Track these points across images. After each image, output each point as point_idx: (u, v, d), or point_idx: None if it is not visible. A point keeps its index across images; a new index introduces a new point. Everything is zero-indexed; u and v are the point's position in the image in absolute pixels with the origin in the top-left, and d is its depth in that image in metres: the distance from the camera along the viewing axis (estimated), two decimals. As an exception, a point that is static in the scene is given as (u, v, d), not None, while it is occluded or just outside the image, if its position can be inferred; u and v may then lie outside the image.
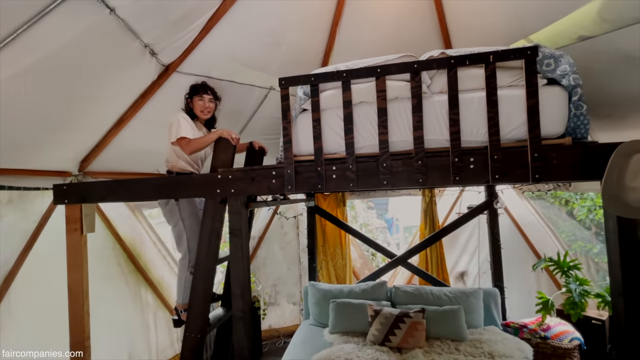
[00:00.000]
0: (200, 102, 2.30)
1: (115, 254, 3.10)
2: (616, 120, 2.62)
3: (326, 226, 4.38)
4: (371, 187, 1.76)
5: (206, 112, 2.32)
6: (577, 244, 4.81)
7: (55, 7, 1.51)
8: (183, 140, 2.11)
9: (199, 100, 2.30)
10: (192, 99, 2.32)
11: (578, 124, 1.63)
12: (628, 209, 1.42)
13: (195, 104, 2.31)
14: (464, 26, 2.65)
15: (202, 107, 2.30)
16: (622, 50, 2.08)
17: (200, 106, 2.30)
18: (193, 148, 2.11)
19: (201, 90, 2.30)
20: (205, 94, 2.30)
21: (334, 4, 2.64)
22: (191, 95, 2.32)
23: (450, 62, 1.61)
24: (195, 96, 2.30)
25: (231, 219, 1.95)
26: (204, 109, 2.30)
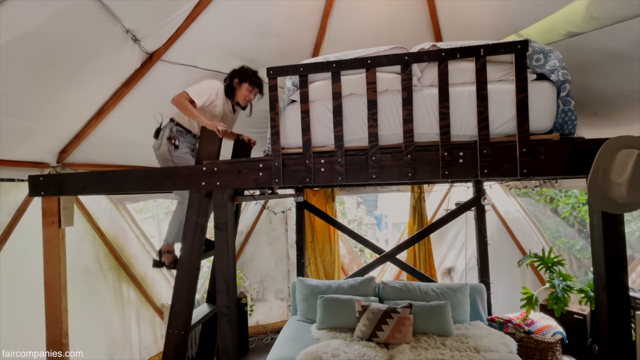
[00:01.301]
0: (248, 92, 2.31)
1: (95, 249, 3.00)
2: (602, 119, 2.66)
3: (315, 222, 4.35)
4: (360, 181, 1.73)
5: (246, 101, 2.35)
6: (560, 240, 4.91)
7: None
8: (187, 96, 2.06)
9: (248, 91, 2.31)
10: (242, 83, 2.30)
11: (566, 120, 1.63)
12: (613, 204, 1.43)
13: (242, 89, 2.30)
14: (454, 20, 2.64)
15: (246, 97, 2.33)
16: (610, 48, 2.09)
17: (245, 96, 2.32)
18: (183, 107, 2.04)
19: (256, 85, 2.33)
20: (258, 91, 2.35)
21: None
22: (244, 79, 2.29)
23: (441, 54, 1.58)
24: (247, 83, 2.29)
25: (216, 213, 1.90)
26: (247, 99, 2.34)
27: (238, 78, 2.30)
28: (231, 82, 2.31)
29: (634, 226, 3.95)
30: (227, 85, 2.30)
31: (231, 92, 2.31)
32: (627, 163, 1.36)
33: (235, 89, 2.31)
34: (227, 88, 2.30)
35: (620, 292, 1.52)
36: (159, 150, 2.21)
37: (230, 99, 2.36)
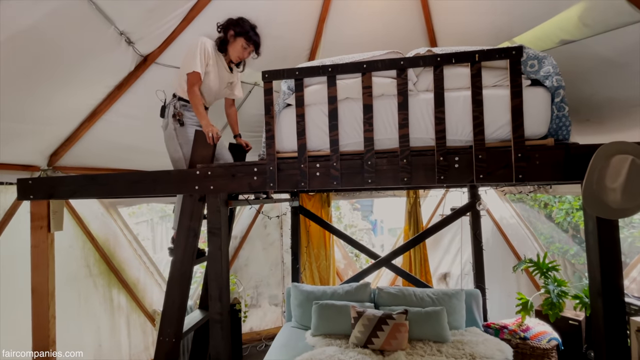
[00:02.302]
0: (241, 49, 2.11)
1: (85, 254, 2.93)
2: (595, 125, 2.68)
3: (310, 227, 4.32)
4: (356, 186, 1.72)
5: (239, 59, 2.16)
6: (554, 245, 4.94)
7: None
8: (192, 76, 1.97)
9: (243, 48, 2.11)
10: (237, 37, 2.08)
11: (560, 125, 1.64)
12: (607, 210, 1.43)
13: (235, 45, 2.10)
14: (449, 26, 2.66)
15: (239, 53, 2.12)
16: (602, 55, 2.12)
17: (238, 51, 2.11)
18: (191, 96, 1.97)
19: (252, 42, 2.11)
20: (254, 49, 2.15)
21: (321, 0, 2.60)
22: (240, 33, 2.08)
23: (436, 59, 1.59)
24: (241, 38, 2.08)
25: (210, 217, 1.87)
26: (240, 56, 2.13)
27: (234, 30, 2.08)
28: (226, 34, 2.10)
29: (627, 232, 3.98)
30: (221, 39, 2.11)
31: (224, 46, 2.11)
32: (621, 169, 1.36)
33: (228, 42, 2.10)
34: (219, 41, 2.10)
35: (616, 298, 1.52)
36: (166, 130, 2.09)
37: (224, 55, 2.16)
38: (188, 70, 1.98)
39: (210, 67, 2.08)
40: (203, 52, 2.01)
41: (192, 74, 1.98)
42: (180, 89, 2.09)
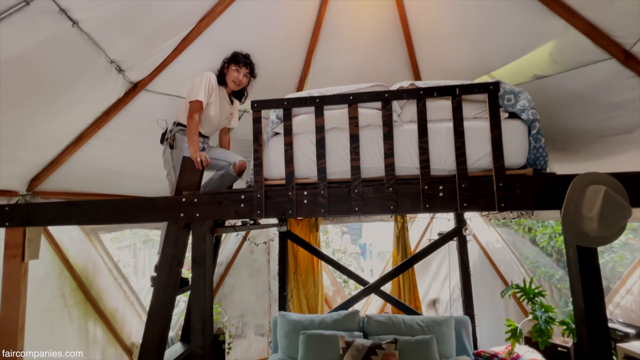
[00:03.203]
0: (235, 72, 2.23)
1: (60, 284, 2.79)
2: (570, 153, 2.81)
3: (298, 252, 4.26)
4: (343, 213, 1.73)
5: (236, 84, 2.26)
6: (540, 270, 4.99)
7: (10, 15, 1.41)
8: (195, 104, 2.06)
9: (235, 71, 2.23)
10: (229, 66, 2.24)
11: (538, 156, 1.71)
12: (586, 238, 1.48)
13: (229, 72, 2.24)
14: (432, 60, 2.80)
15: (235, 78, 2.24)
16: (572, 90, 2.26)
17: (233, 77, 2.23)
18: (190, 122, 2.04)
19: (241, 61, 2.24)
20: (244, 67, 2.25)
21: (310, 31, 2.71)
22: (230, 62, 2.24)
23: (419, 93, 1.66)
24: (233, 64, 2.23)
25: (195, 246, 1.83)
26: (236, 80, 2.24)
27: (226, 62, 2.26)
28: (222, 69, 2.27)
29: (607, 257, 4.07)
30: (219, 74, 2.27)
31: (222, 77, 2.26)
32: (596, 199, 1.42)
33: (225, 74, 2.26)
34: (219, 76, 2.26)
35: (601, 326, 1.54)
36: (164, 155, 2.19)
37: (225, 87, 2.30)
38: (193, 98, 2.07)
39: (213, 99, 2.19)
40: (208, 85, 2.13)
41: (195, 102, 2.07)
42: (182, 117, 2.18)
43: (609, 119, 2.29)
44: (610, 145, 2.49)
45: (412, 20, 2.61)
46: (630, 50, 1.88)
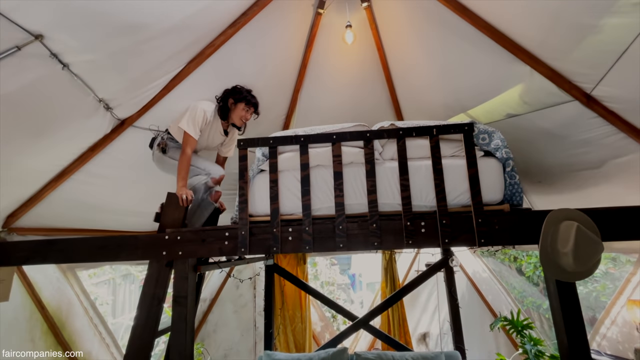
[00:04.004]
0: (244, 112, 2.29)
1: (30, 327, 2.62)
2: (546, 187, 2.93)
3: (285, 286, 4.16)
4: (327, 250, 1.73)
5: (242, 122, 2.34)
6: (528, 300, 4.99)
7: (1, 60, 1.45)
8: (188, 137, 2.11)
9: (244, 110, 2.29)
10: (237, 103, 2.27)
11: (513, 192, 1.79)
12: (564, 273, 1.52)
13: (237, 110, 2.28)
14: (412, 100, 2.96)
15: (243, 117, 2.31)
16: (544, 128, 2.41)
17: (242, 116, 2.30)
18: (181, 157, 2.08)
19: (252, 105, 2.32)
20: (251, 107, 2.32)
21: (296, 71, 2.85)
22: (239, 100, 2.27)
23: (399, 132, 1.74)
24: (243, 103, 2.28)
25: (176, 285, 1.78)
26: (244, 118, 2.32)
27: (233, 98, 2.27)
28: (225, 102, 2.27)
29: (590, 287, 4.12)
30: (221, 107, 2.27)
31: (225, 113, 2.28)
32: (569, 234, 1.47)
33: (230, 109, 2.27)
34: (220, 110, 2.27)
35: (585, 360, 1.53)
36: (154, 156, 2.26)
37: (225, 121, 2.32)
38: (186, 129, 2.11)
39: (205, 129, 2.24)
40: (202, 118, 2.17)
41: (188, 137, 2.11)
42: (173, 129, 2.23)
43: (578, 155, 2.42)
44: (583, 178, 2.61)
45: (392, 63, 2.78)
46: (591, 94, 2.04)
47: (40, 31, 1.43)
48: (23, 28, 1.36)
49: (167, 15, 1.81)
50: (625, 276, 3.04)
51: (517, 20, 1.97)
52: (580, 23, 1.66)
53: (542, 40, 1.95)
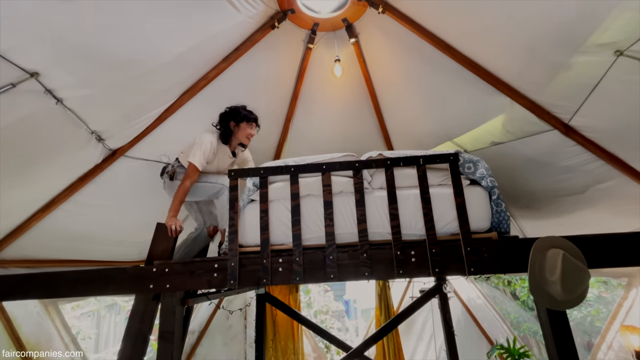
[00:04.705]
0: (248, 129, 2.32)
1: (6, 367, 2.48)
2: (534, 211, 2.98)
3: (277, 316, 4.04)
4: (318, 281, 1.72)
5: (249, 139, 2.37)
6: (525, 325, 4.91)
7: (-4, 96, 1.47)
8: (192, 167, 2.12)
9: (249, 128, 2.32)
10: (239, 124, 2.28)
11: (500, 220, 1.82)
12: (554, 301, 1.52)
13: (241, 130, 2.30)
14: (400, 129, 3.05)
15: (248, 134, 2.34)
16: (527, 155, 2.49)
17: (247, 133, 2.33)
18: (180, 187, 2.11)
19: (253, 120, 2.34)
20: (253, 122, 2.34)
21: (288, 102, 2.93)
22: (240, 120, 2.28)
23: (386, 162, 1.78)
24: (245, 122, 2.29)
25: (163, 320, 1.73)
26: (249, 135, 2.35)
27: (234, 120, 2.28)
28: (227, 127, 2.27)
29: (585, 311, 4.10)
30: (223, 132, 2.28)
31: (228, 137, 2.29)
32: (556, 262, 1.50)
33: (233, 132, 2.29)
34: (223, 135, 2.28)
35: (581, 394, 1.51)
36: (164, 184, 2.30)
37: (229, 145, 2.33)
38: (191, 160, 2.14)
39: (213, 157, 2.27)
40: (209, 150, 2.19)
41: (192, 168, 2.12)
42: (183, 159, 2.28)
43: (562, 181, 2.50)
44: (569, 203, 2.68)
45: (380, 94, 2.89)
46: (569, 124, 2.13)
47: (36, 69, 1.47)
48: (19, 67, 1.40)
49: (163, 51, 1.88)
50: (617, 300, 3.04)
51: (495, 56, 2.09)
52: (552, 60, 1.77)
53: (520, 74, 2.06)
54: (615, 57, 1.57)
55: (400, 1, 2.19)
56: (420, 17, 2.19)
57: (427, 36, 2.22)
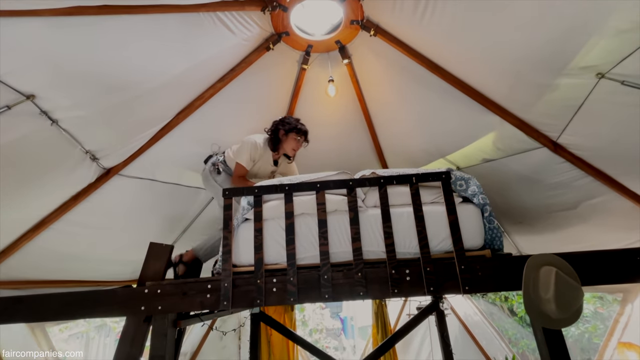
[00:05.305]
0: (296, 142, 2.34)
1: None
2: (528, 227, 3.00)
3: (272, 336, 3.96)
4: (312, 301, 1.70)
5: (294, 151, 2.39)
6: (523, 342, 4.85)
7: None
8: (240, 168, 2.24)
9: (296, 140, 2.33)
10: (288, 134, 2.31)
11: (493, 237, 1.83)
12: (549, 320, 1.52)
13: (289, 140, 2.32)
14: (393, 146, 3.09)
15: (295, 146, 2.35)
16: (519, 172, 2.53)
17: (294, 145, 2.34)
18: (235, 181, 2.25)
19: (303, 134, 2.35)
20: (302, 136, 2.36)
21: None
22: (290, 131, 2.31)
23: (380, 181, 1.80)
24: (294, 133, 2.31)
25: (154, 343, 1.69)
26: (296, 148, 2.37)
27: (283, 129, 2.31)
28: (276, 134, 2.31)
29: (582, 327, 4.07)
30: (272, 139, 2.32)
31: (276, 144, 2.32)
32: (549, 280, 1.50)
33: (280, 140, 2.32)
34: (271, 141, 2.32)
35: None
36: (204, 171, 2.36)
37: (275, 152, 2.37)
38: (238, 160, 2.26)
39: (256, 161, 2.34)
40: (254, 150, 2.28)
41: (239, 166, 2.26)
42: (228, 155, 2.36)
43: (554, 196, 2.53)
44: (561, 219, 2.70)
45: (374, 113, 2.95)
46: (557, 141, 2.19)
47: (33, 91, 1.48)
48: (15, 89, 1.41)
49: (159, 73, 1.92)
50: (613, 316, 3.03)
51: (483, 77, 2.15)
52: (537, 82, 1.83)
53: (508, 94, 2.13)
54: (597, 79, 1.64)
55: (391, 25, 2.26)
56: (410, 40, 2.27)
57: (418, 58, 2.29)
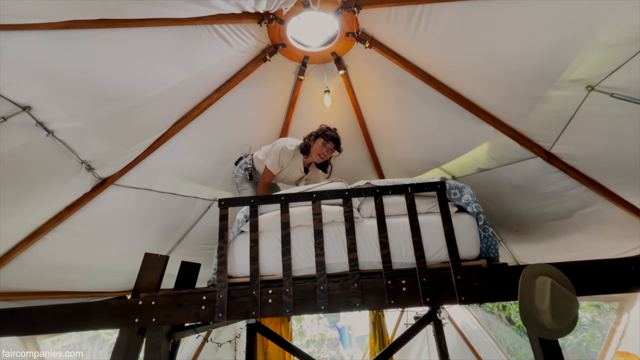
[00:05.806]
0: (322, 146, 2.37)
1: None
2: (524, 235, 3.02)
3: (268, 346, 3.91)
4: (309, 312, 1.69)
5: (321, 157, 2.41)
6: (521, 351, 4.82)
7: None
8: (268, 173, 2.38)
9: (322, 144, 2.38)
10: (317, 139, 2.38)
11: (488, 245, 1.84)
12: (545, 330, 1.51)
13: (315, 145, 2.39)
14: (390, 156, 3.12)
15: (320, 151, 2.38)
16: (513, 181, 2.56)
17: (319, 149, 2.38)
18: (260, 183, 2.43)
19: (330, 140, 2.39)
20: (330, 142, 2.39)
21: (279, 131, 2.99)
22: (318, 135, 2.39)
23: (375, 191, 1.81)
24: (321, 138, 2.38)
25: (147, 355, 1.67)
26: (321, 153, 2.39)
27: (315, 134, 2.41)
28: (309, 138, 2.42)
29: (580, 336, 4.06)
30: (304, 145, 2.42)
31: (307, 149, 2.40)
32: (545, 291, 1.50)
33: (310, 145, 2.40)
34: (304, 146, 2.41)
35: None
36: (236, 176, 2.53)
37: (305, 156, 2.45)
38: (268, 165, 2.39)
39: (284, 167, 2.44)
40: (283, 155, 2.38)
41: (267, 172, 2.39)
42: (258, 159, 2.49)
43: (549, 205, 2.55)
44: (556, 228, 2.72)
45: (369, 123, 2.98)
46: (550, 151, 2.21)
47: (29, 103, 1.49)
48: (11, 101, 1.42)
49: (156, 84, 1.93)
50: (610, 325, 3.03)
51: (476, 89, 2.19)
52: (529, 94, 1.87)
53: (500, 105, 2.16)
54: (587, 91, 1.67)
55: (385, 36, 2.30)
56: (405, 52, 2.31)
57: (412, 69, 2.32)
